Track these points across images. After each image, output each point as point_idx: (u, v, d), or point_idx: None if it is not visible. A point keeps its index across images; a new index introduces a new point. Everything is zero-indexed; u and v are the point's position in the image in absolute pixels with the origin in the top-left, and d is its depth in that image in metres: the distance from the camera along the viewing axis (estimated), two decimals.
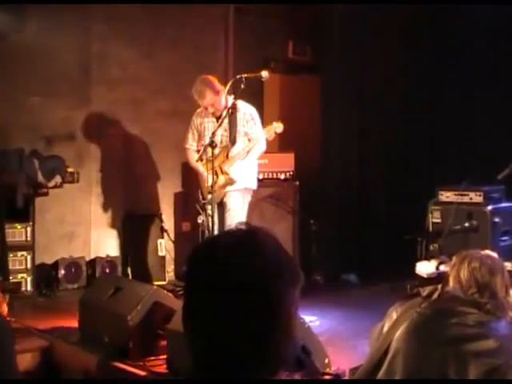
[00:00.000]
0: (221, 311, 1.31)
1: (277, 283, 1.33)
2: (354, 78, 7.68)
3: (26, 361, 4.38)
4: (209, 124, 5.74)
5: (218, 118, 5.64)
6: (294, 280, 1.36)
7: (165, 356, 4.17)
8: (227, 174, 5.59)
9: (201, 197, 5.74)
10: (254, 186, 5.88)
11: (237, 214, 5.64)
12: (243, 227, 1.41)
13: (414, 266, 6.25)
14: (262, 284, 1.31)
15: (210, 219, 5.44)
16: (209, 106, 5.66)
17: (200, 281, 1.36)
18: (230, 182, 5.64)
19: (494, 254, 2.91)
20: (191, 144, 5.96)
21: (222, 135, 5.67)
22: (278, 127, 5.56)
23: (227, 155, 5.63)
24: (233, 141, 5.66)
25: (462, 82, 7.14)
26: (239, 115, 5.67)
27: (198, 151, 5.73)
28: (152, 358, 4.26)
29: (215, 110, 5.68)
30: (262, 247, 1.36)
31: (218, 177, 5.54)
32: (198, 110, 5.88)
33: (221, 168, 5.58)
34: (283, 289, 1.34)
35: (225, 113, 5.56)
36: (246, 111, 5.73)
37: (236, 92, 5.52)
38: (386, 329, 2.73)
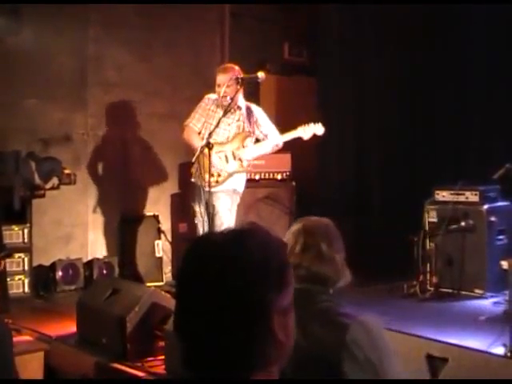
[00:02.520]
0: (205, 310, 1.33)
1: (258, 284, 1.34)
2: (351, 78, 7.70)
3: (23, 363, 4.38)
4: (216, 114, 5.61)
5: (224, 112, 5.56)
6: (279, 282, 1.37)
7: (163, 357, 4.19)
8: (241, 160, 5.55)
9: (196, 171, 5.52)
10: (242, 188, 5.75)
11: (225, 216, 5.54)
12: (244, 225, 1.44)
13: (410, 266, 6.28)
14: (242, 284, 1.33)
15: (202, 220, 5.48)
16: (223, 84, 5.52)
17: (187, 280, 1.39)
18: (242, 169, 5.58)
19: (327, 221, 2.65)
20: (194, 124, 5.75)
21: (238, 126, 5.64)
22: (319, 130, 5.52)
23: (242, 144, 5.60)
24: (265, 135, 5.70)
25: (459, 83, 7.16)
26: (253, 115, 5.71)
27: (200, 133, 5.66)
28: (150, 358, 4.27)
29: (225, 94, 5.51)
30: (247, 249, 1.37)
31: (227, 162, 5.50)
32: (208, 97, 5.77)
33: (234, 154, 5.54)
34: (265, 290, 1.35)
35: (241, 111, 5.63)
36: (261, 111, 5.81)
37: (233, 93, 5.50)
38: None
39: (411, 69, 7.48)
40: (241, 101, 5.71)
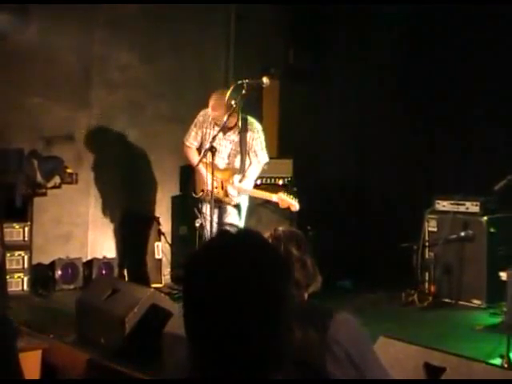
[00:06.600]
0: (220, 311, 1.30)
1: (276, 280, 1.33)
2: (354, 84, 7.71)
3: (21, 361, 4.37)
4: (212, 131, 5.69)
5: (220, 131, 5.57)
6: (290, 276, 1.38)
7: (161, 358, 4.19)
8: (227, 192, 5.65)
9: (192, 192, 5.81)
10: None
11: (235, 217, 5.69)
12: (235, 228, 1.44)
13: (409, 275, 6.29)
14: (262, 281, 1.31)
15: (207, 221, 5.51)
16: (216, 119, 5.62)
17: (200, 280, 1.35)
18: (228, 201, 5.68)
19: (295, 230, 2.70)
20: (191, 142, 5.88)
21: (232, 149, 5.71)
22: (295, 206, 5.54)
23: (231, 179, 5.67)
24: (243, 165, 5.70)
25: (462, 91, 7.16)
26: (249, 134, 5.70)
27: (198, 149, 5.79)
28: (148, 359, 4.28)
29: (217, 120, 5.60)
30: (261, 246, 1.37)
31: (219, 188, 5.61)
32: (204, 113, 5.81)
33: (222, 184, 5.61)
34: (282, 285, 1.33)
35: (236, 131, 5.65)
36: (257, 128, 5.77)
37: (237, 98, 5.50)
38: None
39: (415, 75, 7.49)
40: (240, 119, 5.71)
